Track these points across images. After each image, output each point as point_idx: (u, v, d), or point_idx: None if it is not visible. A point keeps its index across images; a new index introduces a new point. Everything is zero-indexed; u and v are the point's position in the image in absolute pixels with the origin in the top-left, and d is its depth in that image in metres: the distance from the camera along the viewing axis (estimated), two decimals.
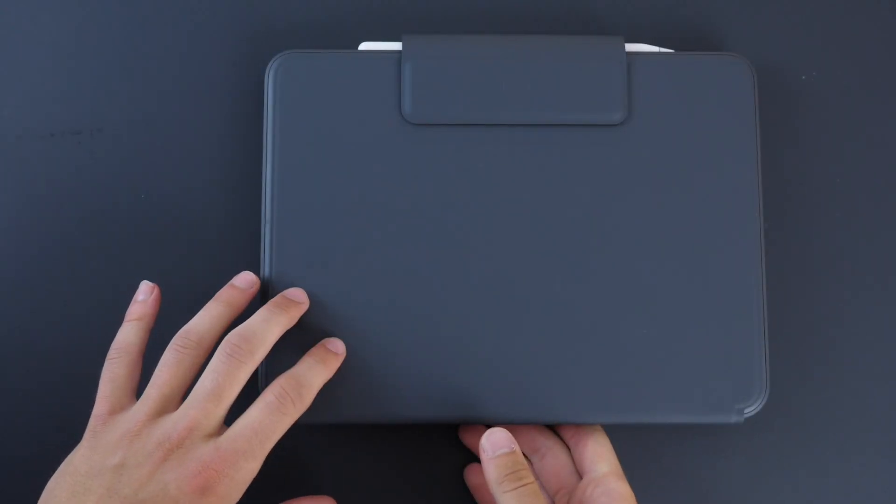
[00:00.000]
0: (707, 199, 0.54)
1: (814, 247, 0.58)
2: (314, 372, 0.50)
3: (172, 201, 0.57)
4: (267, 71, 0.54)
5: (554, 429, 0.55)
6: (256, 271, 0.53)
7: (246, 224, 0.56)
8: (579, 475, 0.52)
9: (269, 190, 0.53)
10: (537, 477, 0.54)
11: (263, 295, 0.53)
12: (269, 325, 0.50)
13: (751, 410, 0.53)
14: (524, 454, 0.54)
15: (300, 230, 0.53)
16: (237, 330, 0.49)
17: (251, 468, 0.46)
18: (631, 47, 0.55)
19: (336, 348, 0.52)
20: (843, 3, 0.60)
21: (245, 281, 0.52)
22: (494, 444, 0.48)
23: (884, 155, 0.59)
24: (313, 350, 0.51)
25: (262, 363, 0.52)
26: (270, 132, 0.54)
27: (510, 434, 0.48)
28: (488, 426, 0.54)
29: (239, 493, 0.46)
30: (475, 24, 0.59)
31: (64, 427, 0.52)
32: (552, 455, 0.53)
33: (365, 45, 0.56)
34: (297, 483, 0.55)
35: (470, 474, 0.55)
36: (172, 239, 0.57)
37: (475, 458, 0.55)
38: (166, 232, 0.57)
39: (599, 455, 0.51)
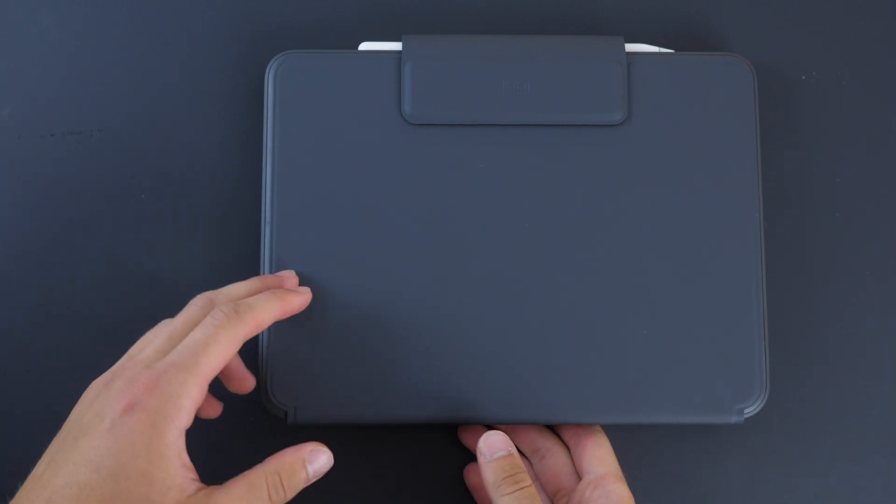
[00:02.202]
0: (707, 200, 0.54)
1: (814, 247, 0.58)
2: (262, 299, 0.48)
3: (172, 201, 0.57)
4: (267, 71, 0.54)
5: (554, 429, 0.55)
6: (256, 271, 0.53)
7: (246, 224, 0.56)
8: (579, 476, 0.52)
9: (269, 190, 0.53)
10: (536, 478, 0.54)
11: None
12: (241, 286, 0.50)
13: (751, 411, 0.53)
14: (524, 454, 0.55)
15: (300, 230, 0.53)
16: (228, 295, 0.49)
17: (185, 382, 0.44)
18: (631, 47, 0.55)
19: (299, 288, 0.51)
20: (843, 3, 0.60)
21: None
22: (491, 447, 0.48)
23: (884, 155, 0.59)
24: (276, 288, 0.50)
25: (263, 348, 0.52)
26: (270, 132, 0.54)
27: (507, 437, 0.48)
28: (488, 427, 0.54)
29: (176, 410, 0.43)
30: (475, 24, 0.59)
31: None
32: (552, 456, 0.53)
33: (365, 45, 0.56)
34: None
35: (469, 474, 0.55)
36: (172, 239, 0.57)
37: (475, 458, 0.55)
38: (166, 232, 0.57)
39: (599, 457, 0.51)
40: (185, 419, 0.44)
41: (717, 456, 0.56)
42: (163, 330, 0.47)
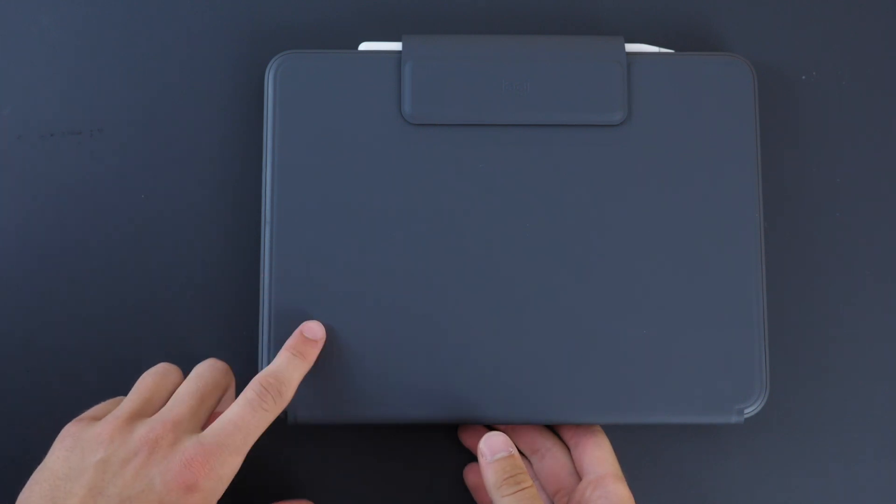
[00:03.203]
0: (707, 200, 0.54)
1: (813, 247, 0.58)
2: (293, 366, 0.50)
3: (172, 201, 0.57)
4: (267, 71, 0.54)
5: (554, 430, 0.55)
6: (256, 271, 0.53)
7: (246, 224, 0.56)
8: (579, 476, 0.52)
9: (269, 190, 0.53)
10: (536, 477, 0.54)
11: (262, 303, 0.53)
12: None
13: (751, 411, 0.53)
14: (524, 454, 0.55)
15: (300, 230, 0.53)
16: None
17: (234, 463, 0.46)
18: (631, 47, 0.55)
19: (314, 334, 0.51)
20: (843, 3, 0.60)
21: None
22: (492, 447, 0.48)
23: (884, 155, 0.59)
24: (290, 342, 0.51)
25: (266, 335, 0.52)
26: (270, 132, 0.54)
27: (508, 438, 0.48)
28: (488, 427, 0.54)
29: (222, 489, 0.45)
30: (475, 24, 0.59)
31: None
32: (552, 456, 0.53)
33: (365, 45, 0.56)
34: (296, 483, 0.55)
35: (469, 474, 0.55)
36: (172, 239, 0.57)
37: (475, 458, 0.55)
38: (166, 232, 0.57)
39: (599, 457, 0.51)
40: (222, 493, 0.46)
41: (717, 456, 0.56)
42: (192, 390, 0.48)
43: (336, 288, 0.53)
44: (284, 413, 0.52)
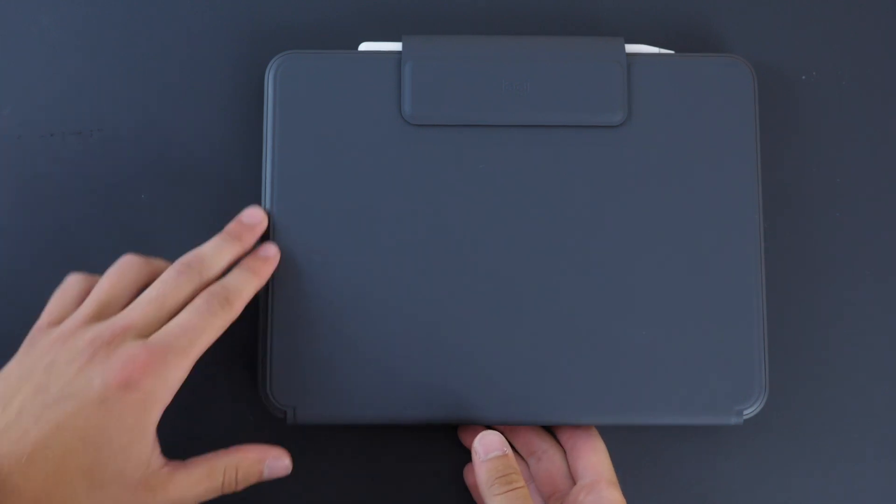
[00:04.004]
0: (707, 201, 0.54)
1: (813, 247, 0.58)
2: (243, 279, 0.50)
3: (172, 202, 0.57)
4: (267, 71, 0.54)
5: (551, 432, 0.55)
6: None
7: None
8: (573, 480, 0.52)
9: (269, 190, 0.53)
10: (532, 480, 0.54)
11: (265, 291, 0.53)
12: (221, 251, 0.51)
13: (750, 412, 0.53)
14: (521, 456, 0.55)
15: (300, 230, 0.53)
16: (191, 252, 0.50)
17: (179, 366, 0.46)
18: (631, 48, 0.55)
19: (267, 252, 0.52)
20: (843, 3, 0.60)
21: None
22: (487, 446, 0.48)
23: (884, 155, 0.59)
24: (246, 259, 0.51)
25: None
26: (270, 132, 0.54)
27: (503, 437, 0.48)
28: (487, 427, 0.54)
29: (167, 392, 0.46)
30: (475, 24, 0.59)
31: None
32: (548, 458, 0.53)
33: (365, 46, 0.56)
34: (296, 483, 0.55)
35: (469, 474, 0.55)
36: (172, 239, 0.57)
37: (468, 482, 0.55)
38: (166, 232, 0.57)
39: (594, 461, 0.51)
40: (170, 400, 0.46)
41: (717, 456, 0.56)
42: (152, 296, 0.48)
43: (336, 288, 0.53)
44: (284, 413, 0.52)
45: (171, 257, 0.56)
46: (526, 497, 0.46)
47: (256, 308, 0.53)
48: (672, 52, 0.56)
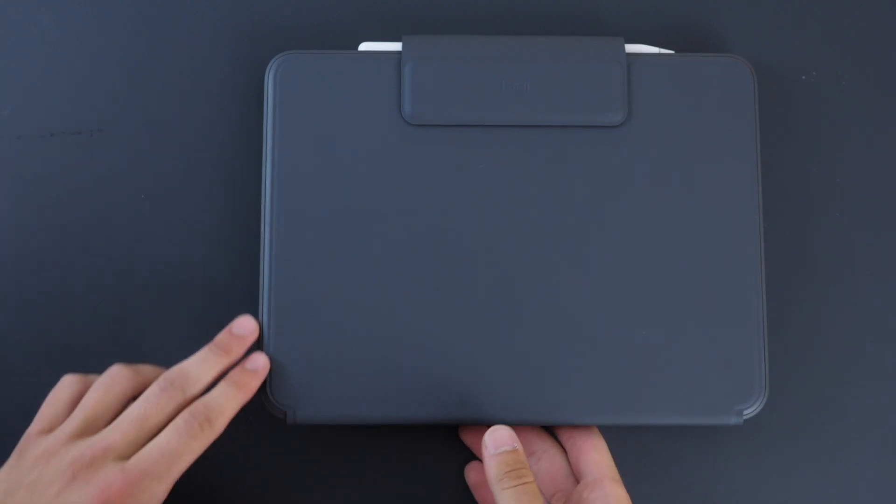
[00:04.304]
0: (706, 201, 0.54)
1: (813, 247, 0.58)
2: (227, 396, 0.50)
3: (172, 201, 0.57)
4: (267, 71, 0.54)
5: (551, 431, 0.55)
6: (256, 271, 0.53)
7: (246, 224, 0.56)
8: (576, 479, 0.52)
9: (269, 190, 0.53)
10: None
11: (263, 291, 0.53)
12: (207, 366, 0.50)
13: (750, 412, 0.53)
14: None
15: (300, 230, 0.53)
16: (177, 367, 0.50)
17: (157, 490, 0.46)
18: (631, 48, 0.55)
19: (255, 365, 0.51)
20: (843, 3, 0.60)
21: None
22: (497, 441, 0.48)
23: (884, 155, 0.59)
24: (232, 372, 0.51)
25: (266, 339, 0.52)
26: (270, 132, 0.54)
27: (513, 432, 0.48)
28: (488, 426, 0.54)
29: None
30: (475, 24, 0.59)
31: None
32: (548, 458, 0.53)
33: (365, 46, 0.56)
34: (296, 483, 0.55)
35: (471, 472, 0.55)
36: (172, 239, 0.57)
37: (475, 457, 0.55)
38: (166, 232, 0.57)
39: (596, 459, 0.51)
40: None
41: (717, 456, 0.56)
42: (134, 416, 0.48)
43: (336, 288, 0.53)
44: (284, 413, 0.52)
45: (171, 258, 0.56)
46: (535, 492, 0.46)
47: (257, 308, 0.53)
48: (672, 52, 0.56)
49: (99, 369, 0.51)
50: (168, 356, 0.52)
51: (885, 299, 0.57)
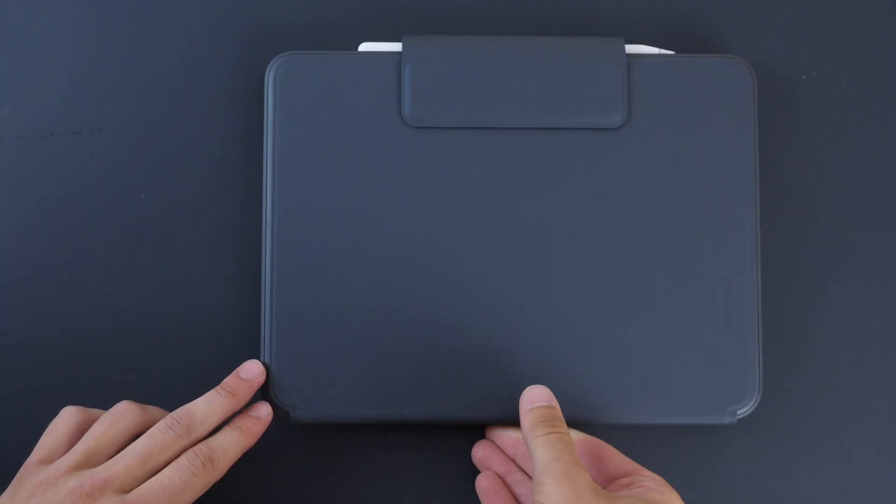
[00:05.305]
0: (706, 203, 0.54)
1: (812, 247, 0.58)
2: (230, 439, 0.49)
3: (172, 201, 0.57)
4: (267, 71, 0.54)
5: None
6: (256, 271, 0.54)
7: (246, 224, 0.56)
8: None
9: (269, 190, 0.53)
10: (523, 484, 0.53)
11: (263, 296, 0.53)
12: (213, 408, 0.50)
13: (744, 412, 0.53)
14: (519, 465, 0.54)
15: (300, 231, 0.53)
16: (183, 407, 0.49)
17: None
18: (631, 49, 0.55)
19: (260, 412, 0.51)
20: (843, 3, 0.60)
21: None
22: (533, 397, 0.49)
23: (884, 155, 0.59)
24: (237, 418, 0.51)
25: (268, 343, 0.52)
26: (270, 133, 0.54)
27: (551, 393, 0.49)
28: (485, 427, 0.54)
29: None
30: (475, 24, 0.59)
31: None
32: None
33: (365, 46, 0.56)
34: (296, 483, 0.55)
35: (477, 449, 0.54)
36: (172, 239, 0.57)
37: (475, 460, 0.55)
38: (166, 232, 0.57)
39: (616, 461, 0.50)
40: None
41: (715, 456, 0.56)
42: (138, 450, 0.48)
43: (336, 288, 0.53)
44: (285, 413, 0.52)
45: (171, 258, 0.56)
46: (569, 442, 0.46)
47: (258, 308, 0.53)
48: (672, 52, 0.56)
49: (98, 369, 0.51)
50: (167, 356, 0.52)
51: (884, 299, 0.58)
